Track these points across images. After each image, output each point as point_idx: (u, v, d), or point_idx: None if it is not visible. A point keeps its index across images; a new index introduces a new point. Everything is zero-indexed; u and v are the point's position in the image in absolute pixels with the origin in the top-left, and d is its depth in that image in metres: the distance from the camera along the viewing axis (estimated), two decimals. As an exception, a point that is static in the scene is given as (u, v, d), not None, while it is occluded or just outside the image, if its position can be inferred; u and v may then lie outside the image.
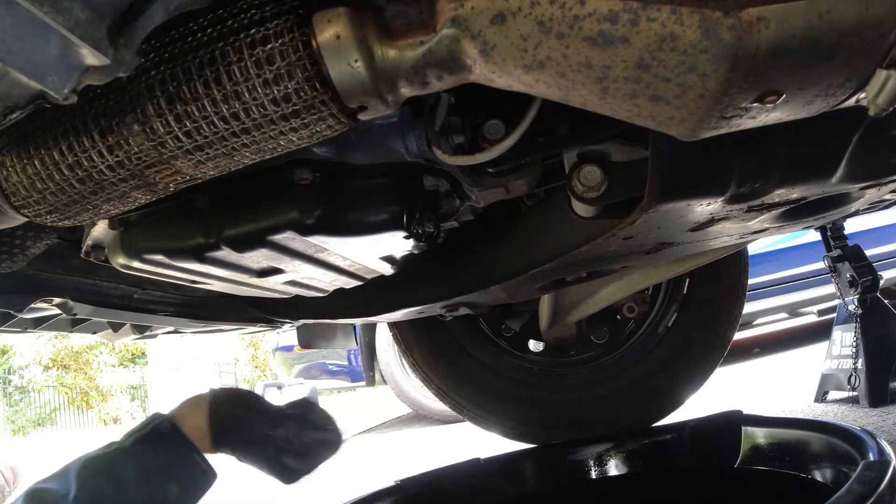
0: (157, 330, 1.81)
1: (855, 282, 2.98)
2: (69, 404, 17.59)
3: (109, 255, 1.05)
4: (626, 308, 2.04)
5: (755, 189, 0.89)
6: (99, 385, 17.61)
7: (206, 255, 0.97)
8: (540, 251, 1.19)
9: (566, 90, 0.62)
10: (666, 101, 0.59)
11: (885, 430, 2.33)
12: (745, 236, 1.27)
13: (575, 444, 1.76)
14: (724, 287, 2.01)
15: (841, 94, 0.60)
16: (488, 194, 1.11)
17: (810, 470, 1.36)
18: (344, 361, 8.67)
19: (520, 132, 0.89)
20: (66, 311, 1.39)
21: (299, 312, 1.60)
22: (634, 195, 0.95)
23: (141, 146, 0.69)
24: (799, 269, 5.15)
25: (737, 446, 1.53)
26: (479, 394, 2.09)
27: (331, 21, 0.63)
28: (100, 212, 0.81)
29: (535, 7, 0.57)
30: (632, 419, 1.97)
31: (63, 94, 0.57)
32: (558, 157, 1.05)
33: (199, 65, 0.65)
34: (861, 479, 1.03)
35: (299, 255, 1.02)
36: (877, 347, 2.91)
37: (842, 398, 3.04)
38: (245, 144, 0.70)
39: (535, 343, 2.10)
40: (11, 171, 0.74)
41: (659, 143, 0.87)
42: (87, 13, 0.52)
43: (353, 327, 2.56)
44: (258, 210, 0.95)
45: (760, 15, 0.51)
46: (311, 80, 0.64)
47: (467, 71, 0.65)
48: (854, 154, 0.87)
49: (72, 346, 16.94)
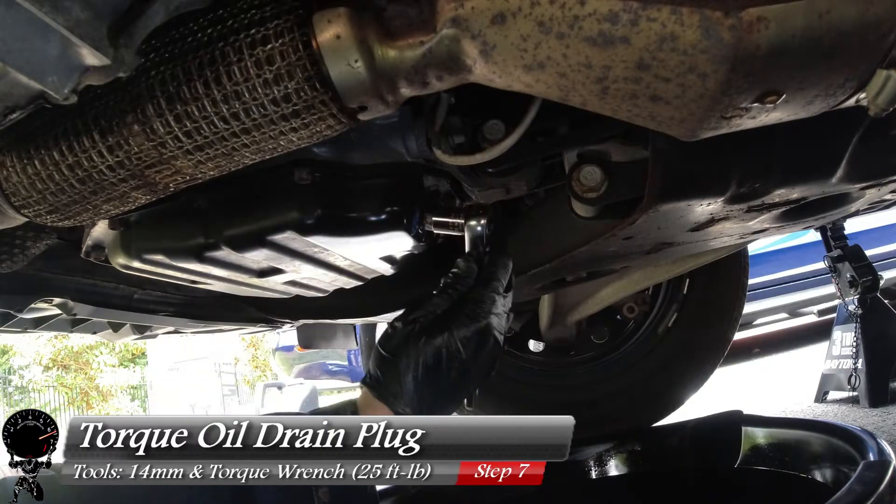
0: (157, 330, 1.81)
1: (855, 282, 2.98)
2: (69, 404, 17.58)
3: (109, 255, 1.05)
4: (627, 308, 2.04)
5: (755, 189, 0.89)
6: (99, 385, 17.61)
7: (206, 255, 0.98)
8: (540, 251, 1.18)
9: (566, 90, 0.62)
10: (666, 101, 0.59)
11: (885, 430, 2.33)
12: (745, 236, 1.27)
13: (575, 444, 1.76)
14: (724, 287, 2.01)
15: (841, 94, 0.60)
16: (488, 194, 1.11)
17: (810, 470, 1.36)
18: (344, 361, 8.67)
19: (520, 132, 0.89)
20: (66, 311, 1.39)
21: (299, 312, 1.60)
22: (634, 195, 0.95)
23: (141, 146, 0.69)
24: (799, 269, 5.16)
25: (737, 446, 1.53)
26: (479, 394, 2.08)
27: (331, 21, 0.63)
28: (100, 212, 0.81)
29: (535, 7, 0.57)
30: (632, 419, 1.97)
31: (63, 94, 0.57)
32: (558, 157, 1.05)
33: (200, 65, 0.65)
34: (861, 479, 1.03)
35: (299, 255, 1.02)
36: (877, 347, 2.91)
37: (842, 398, 3.04)
38: (245, 144, 0.70)
39: (535, 343, 2.10)
40: (12, 172, 0.74)
41: (659, 143, 0.87)
42: (87, 13, 0.52)
43: (353, 327, 2.56)
44: (258, 210, 0.95)
45: (760, 15, 0.51)
46: (311, 81, 0.64)
47: (467, 71, 0.65)
48: (854, 154, 0.87)
49: (72, 346, 16.94)
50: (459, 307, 0.96)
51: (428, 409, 0.92)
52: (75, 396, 17.74)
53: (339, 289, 1.32)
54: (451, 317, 0.94)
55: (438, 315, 0.95)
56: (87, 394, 17.74)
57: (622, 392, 2.02)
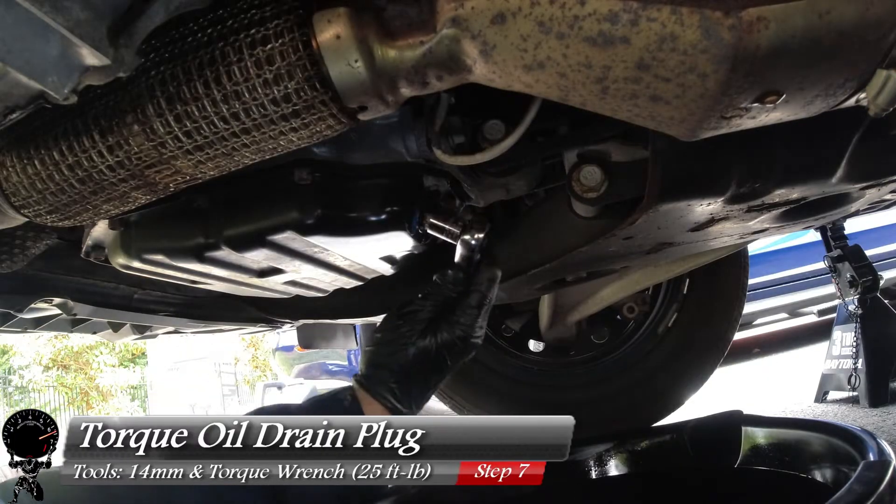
0: (157, 330, 1.81)
1: (855, 282, 2.98)
2: (69, 404, 17.57)
3: (109, 255, 1.05)
4: (627, 308, 2.04)
5: (755, 189, 0.89)
6: (99, 385, 17.61)
7: (207, 255, 0.98)
8: (540, 251, 1.18)
9: (566, 90, 0.62)
10: (666, 101, 0.59)
11: (885, 430, 2.33)
12: (745, 236, 1.27)
13: (575, 444, 1.76)
14: (724, 287, 2.01)
15: (841, 94, 0.60)
16: (488, 194, 1.11)
17: (810, 470, 1.36)
18: (344, 361, 8.67)
19: (520, 132, 0.89)
20: (66, 311, 1.39)
21: (299, 312, 1.60)
22: (634, 195, 0.95)
23: (141, 146, 0.69)
24: (799, 269, 5.16)
25: (737, 446, 1.52)
26: (479, 394, 2.09)
27: (331, 21, 0.63)
28: (100, 212, 0.81)
29: (535, 7, 0.57)
30: (632, 419, 1.97)
31: (63, 94, 0.57)
32: (558, 157, 1.05)
33: (200, 65, 0.65)
34: (861, 479, 1.03)
35: (299, 255, 1.02)
36: (877, 347, 2.91)
37: (842, 398, 3.04)
38: (245, 144, 0.70)
39: (535, 343, 2.10)
40: (12, 172, 0.74)
41: (659, 143, 0.87)
42: (87, 13, 0.52)
43: (353, 327, 2.56)
44: (258, 210, 0.95)
45: (760, 15, 0.51)
46: (311, 81, 0.64)
47: (467, 71, 0.65)
48: (854, 154, 0.87)
49: (72, 346, 16.93)
50: (446, 314, 1.04)
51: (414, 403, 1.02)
52: (75, 396, 17.73)
53: (339, 289, 1.31)
54: (438, 323, 1.03)
55: (426, 319, 1.03)
56: (87, 394, 17.74)
57: (622, 392, 2.02)
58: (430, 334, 1.01)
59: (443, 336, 1.01)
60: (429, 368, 1.02)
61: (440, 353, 1.01)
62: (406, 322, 1.02)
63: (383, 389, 0.99)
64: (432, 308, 1.04)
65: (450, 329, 1.02)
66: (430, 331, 1.02)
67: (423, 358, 1.01)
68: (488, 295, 1.06)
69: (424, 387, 1.02)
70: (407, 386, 1.00)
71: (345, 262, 1.13)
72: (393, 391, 0.99)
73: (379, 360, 1.01)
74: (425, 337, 1.01)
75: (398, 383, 0.99)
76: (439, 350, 1.01)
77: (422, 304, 1.03)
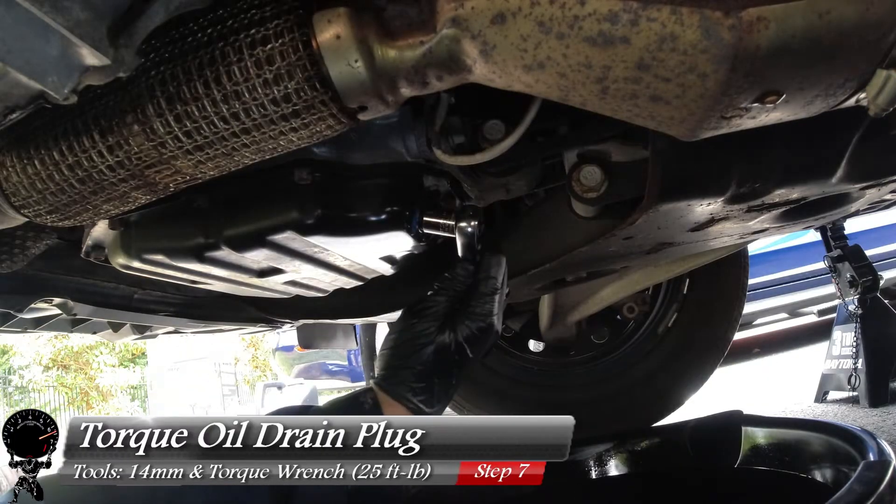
0: (157, 330, 1.81)
1: (855, 282, 2.99)
2: (69, 404, 17.57)
3: (109, 255, 1.05)
4: (626, 308, 2.04)
5: (755, 189, 0.89)
6: (99, 385, 17.60)
7: (206, 255, 0.98)
8: (540, 251, 1.18)
9: (566, 90, 0.62)
10: (666, 101, 0.59)
11: (885, 430, 2.33)
12: (745, 236, 1.27)
13: (575, 444, 1.76)
14: (724, 287, 2.01)
15: (841, 94, 0.60)
16: (488, 194, 1.11)
17: (810, 470, 1.36)
18: (344, 361, 8.67)
19: (520, 132, 0.89)
20: (66, 311, 1.39)
21: (299, 312, 1.60)
22: (634, 195, 0.95)
23: (141, 146, 0.69)
24: (799, 269, 5.16)
25: (737, 446, 1.53)
26: (479, 394, 2.09)
27: (331, 21, 0.63)
28: (100, 212, 0.81)
29: (535, 7, 0.57)
30: (632, 419, 1.97)
31: (63, 94, 0.57)
32: (558, 157, 1.05)
33: (200, 65, 0.65)
34: (861, 479, 1.03)
35: (299, 255, 1.02)
36: (877, 347, 2.91)
37: (842, 398, 3.05)
38: (245, 144, 0.70)
39: (535, 343, 2.11)
40: (11, 172, 0.74)
41: (659, 143, 0.87)
42: (87, 13, 0.52)
43: (353, 327, 2.56)
44: (258, 210, 0.95)
45: (760, 15, 0.51)
46: (311, 81, 0.64)
47: (467, 71, 0.65)
48: (854, 154, 0.87)
49: (72, 346, 16.93)
50: (462, 306, 1.01)
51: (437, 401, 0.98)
52: (75, 396, 17.73)
53: (339, 289, 1.31)
54: (454, 317, 1.00)
55: (442, 315, 1.00)
56: (87, 394, 17.74)
57: (622, 392, 2.02)
58: (447, 329, 0.99)
59: (461, 329, 0.99)
60: (450, 364, 0.99)
61: (460, 347, 0.99)
62: (421, 320, 0.99)
63: (404, 390, 0.96)
64: (446, 303, 1.01)
65: (467, 320, 0.99)
66: (447, 326, 0.99)
67: (443, 354, 0.98)
68: (499, 279, 1.04)
69: (447, 384, 0.99)
70: (429, 384, 0.97)
71: (345, 262, 1.13)
72: (415, 391, 0.96)
73: (397, 361, 0.98)
74: (443, 332, 0.98)
75: (420, 383, 0.97)
76: (459, 344, 0.98)
77: (435, 300, 1.01)
